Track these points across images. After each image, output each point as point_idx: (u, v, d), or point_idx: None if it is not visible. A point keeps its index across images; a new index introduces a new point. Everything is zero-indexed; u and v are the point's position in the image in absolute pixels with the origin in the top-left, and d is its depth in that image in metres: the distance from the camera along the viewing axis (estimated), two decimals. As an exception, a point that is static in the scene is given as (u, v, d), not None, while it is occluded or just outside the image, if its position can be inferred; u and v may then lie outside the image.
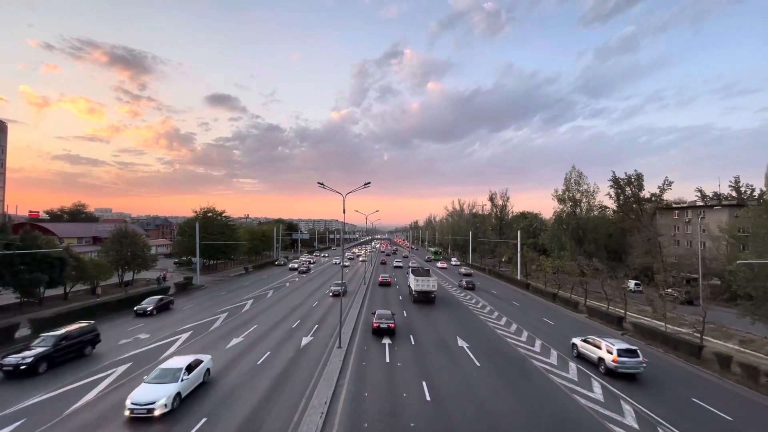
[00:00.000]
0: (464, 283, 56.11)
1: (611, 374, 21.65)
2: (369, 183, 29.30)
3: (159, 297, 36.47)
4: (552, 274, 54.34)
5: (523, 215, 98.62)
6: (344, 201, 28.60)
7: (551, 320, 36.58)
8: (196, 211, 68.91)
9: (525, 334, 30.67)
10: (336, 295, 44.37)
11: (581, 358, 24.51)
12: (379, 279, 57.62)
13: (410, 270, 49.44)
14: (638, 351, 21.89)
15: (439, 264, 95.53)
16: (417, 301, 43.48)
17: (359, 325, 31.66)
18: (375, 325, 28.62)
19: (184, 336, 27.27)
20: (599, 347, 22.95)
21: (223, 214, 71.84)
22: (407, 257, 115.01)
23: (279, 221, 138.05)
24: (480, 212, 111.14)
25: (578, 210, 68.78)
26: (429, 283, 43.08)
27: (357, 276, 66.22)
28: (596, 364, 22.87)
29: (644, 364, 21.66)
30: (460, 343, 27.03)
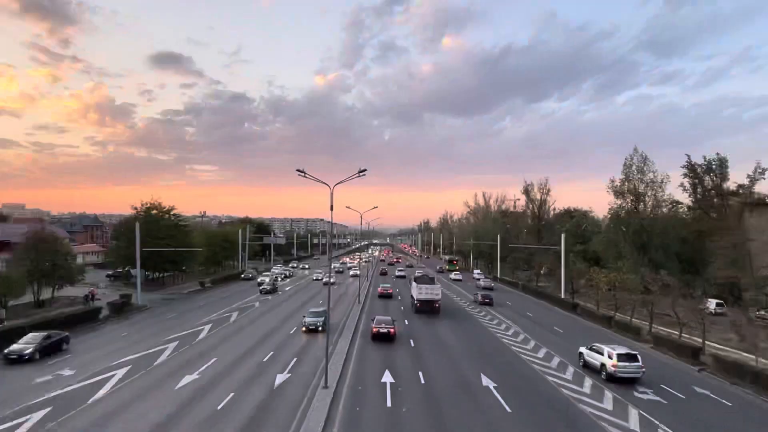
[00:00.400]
0: (480, 297, 59.97)
1: (612, 379, 27.20)
2: (365, 171, 29.31)
3: (45, 333, 32.21)
4: (607, 291, 54.41)
5: (569, 213, 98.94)
6: (332, 194, 28.67)
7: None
8: (136, 208, 69.21)
9: (570, 370, 30.71)
10: (311, 330, 39.42)
11: (587, 367, 30.27)
12: (379, 290, 63.96)
13: (413, 278, 55.73)
14: (638, 356, 27.67)
15: (453, 275, 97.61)
16: (420, 311, 49.46)
17: (351, 357, 31.76)
18: (374, 330, 34.96)
19: (121, 372, 27.31)
20: (602, 353, 28.62)
21: (172, 212, 72.13)
22: (412, 266, 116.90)
23: (246, 221, 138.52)
24: (512, 209, 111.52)
25: (641, 206, 68.91)
26: (433, 291, 50.01)
27: (350, 293, 66.31)
28: (599, 371, 28.58)
29: (644, 369, 27.42)
30: (485, 381, 27.10)
